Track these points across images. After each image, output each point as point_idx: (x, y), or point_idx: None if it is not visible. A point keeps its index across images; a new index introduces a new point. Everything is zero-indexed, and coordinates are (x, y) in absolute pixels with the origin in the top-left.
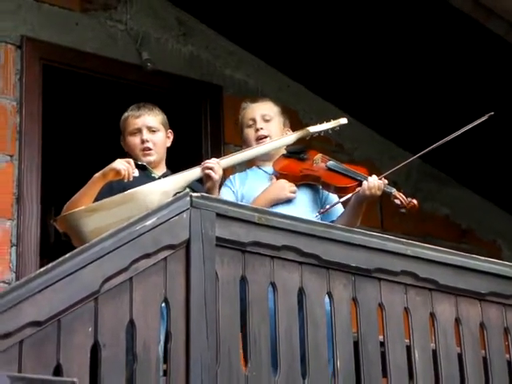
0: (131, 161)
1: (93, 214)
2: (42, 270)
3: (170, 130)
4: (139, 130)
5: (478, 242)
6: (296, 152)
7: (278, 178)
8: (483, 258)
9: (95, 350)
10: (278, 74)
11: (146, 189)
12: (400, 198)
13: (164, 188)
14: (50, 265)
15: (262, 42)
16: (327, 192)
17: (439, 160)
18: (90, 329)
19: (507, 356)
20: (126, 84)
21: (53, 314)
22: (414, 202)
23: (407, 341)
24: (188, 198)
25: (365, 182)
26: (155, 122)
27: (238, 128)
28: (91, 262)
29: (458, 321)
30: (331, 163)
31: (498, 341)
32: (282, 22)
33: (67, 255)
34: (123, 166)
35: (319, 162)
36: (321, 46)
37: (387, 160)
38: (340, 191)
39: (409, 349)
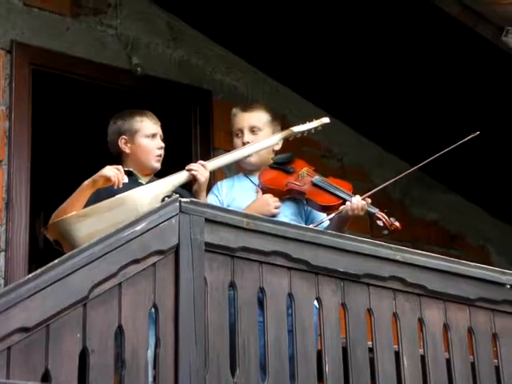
0: (120, 167)
1: (85, 219)
2: (30, 275)
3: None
4: (155, 135)
5: (466, 247)
6: (283, 163)
7: (263, 191)
8: (472, 263)
9: (84, 356)
10: (268, 79)
11: (136, 193)
12: (383, 218)
13: (154, 192)
14: (38, 270)
15: (252, 47)
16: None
17: (428, 165)
18: (78, 335)
19: (495, 361)
20: (115, 89)
21: (41, 319)
22: (397, 224)
23: (396, 346)
24: (177, 204)
25: (348, 203)
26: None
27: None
28: (80, 268)
29: (446, 326)
30: (317, 179)
31: (486, 346)
32: (271, 26)
33: (56, 261)
34: (113, 173)
35: (305, 176)
36: (311, 51)
37: (376, 165)
38: (323, 209)
39: (397, 354)
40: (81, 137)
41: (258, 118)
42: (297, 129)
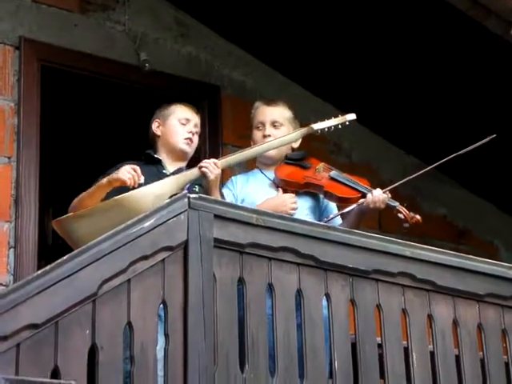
0: (137, 168)
1: (83, 219)
2: (39, 272)
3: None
4: (188, 121)
5: (475, 242)
6: (297, 159)
7: (280, 185)
8: (481, 258)
9: (93, 353)
10: (277, 74)
11: (138, 193)
12: (403, 212)
13: (157, 191)
14: (47, 267)
15: (261, 42)
16: (327, 201)
17: (436, 160)
18: (87, 331)
19: (505, 357)
20: (124, 85)
21: (50, 316)
22: (418, 217)
23: (405, 342)
24: (186, 200)
25: (369, 195)
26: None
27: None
28: (89, 264)
29: (455, 322)
30: (334, 173)
31: (495, 342)
32: (280, 22)
33: (65, 257)
34: (129, 175)
35: (322, 171)
36: (319, 47)
37: (385, 161)
38: (343, 201)
39: (406, 350)
40: (89, 132)
41: (281, 113)
42: (317, 126)
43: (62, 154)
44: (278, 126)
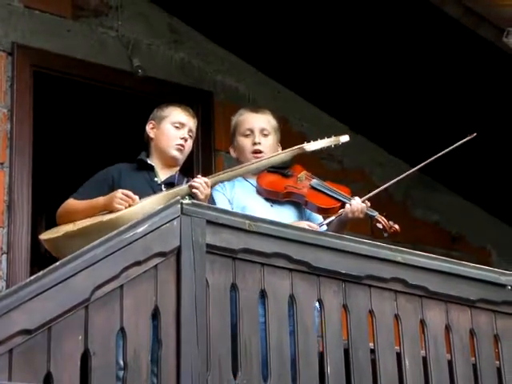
0: (129, 193)
1: (75, 238)
2: (32, 277)
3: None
4: (182, 126)
5: (468, 248)
6: (280, 167)
7: (262, 194)
8: (473, 264)
9: (85, 358)
10: (269, 80)
11: (128, 214)
12: (382, 221)
13: (148, 210)
14: (40, 272)
15: (254, 48)
16: (310, 211)
17: (429, 166)
18: (80, 337)
19: (497, 363)
20: (117, 91)
21: (43, 322)
22: (396, 227)
23: (397, 348)
24: (178, 206)
25: (347, 206)
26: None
27: (230, 130)
28: (82, 270)
29: (448, 328)
30: (315, 182)
31: (487, 347)
32: (273, 28)
33: (58, 263)
34: (125, 204)
35: (303, 180)
36: (312, 53)
37: (377, 167)
38: (322, 211)
39: (399, 356)
40: (82, 138)
41: (269, 121)
42: (309, 147)
43: (55, 159)
44: (266, 134)
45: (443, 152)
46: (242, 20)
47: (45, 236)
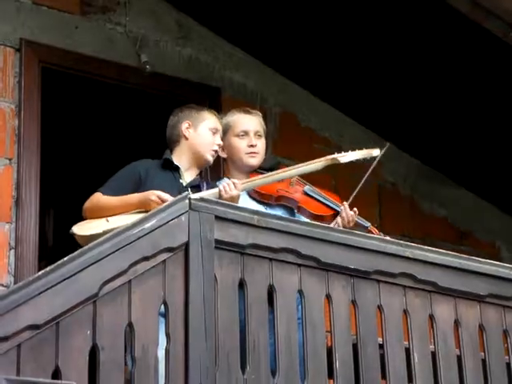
0: (163, 196)
1: None
2: (40, 273)
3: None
4: (217, 131)
5: (476, 243)
6: (271, 169)
7: (253, 196)
8: (482, 259)
9: (94, 353)
10: (277, 76)
11: None
12: (374, 232)
13: None
14: (48, 268)
15: (261, 44)
16: (302, 216)
17: (438, 161)
18: (88, 332)
19: (506, 358)
20: (124, 86)
21: (51, 317)
22: (387, 238)
23: (406, 343)
24: (187, 201)
25: (338, 218)
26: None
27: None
28: (90, 265)
29: (457, 323)
30: (308, 188)
31: (497, 343)
32: (281, 23)
33: (66, 258)
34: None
35: (295, 185)
36: (320, 48)
37: (387, 161)
38: (315, 218)
39: (408, 351)
40: (90, 134)
41: (261, 123)
42: (343, 159)
43: (63, 155)
44: (260, 137)
45: (362, 181)
46: (250, 15)
47: (80, 232)
